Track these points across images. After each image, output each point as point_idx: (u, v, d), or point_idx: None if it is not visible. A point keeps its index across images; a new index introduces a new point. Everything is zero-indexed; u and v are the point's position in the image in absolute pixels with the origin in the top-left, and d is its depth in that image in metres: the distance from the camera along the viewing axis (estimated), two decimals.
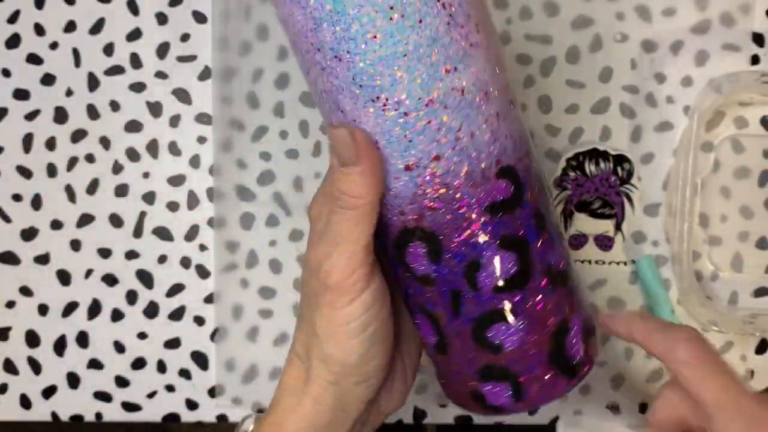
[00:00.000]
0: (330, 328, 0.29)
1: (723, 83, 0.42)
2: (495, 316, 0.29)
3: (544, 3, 0.45)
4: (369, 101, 0.26)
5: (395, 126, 0.27)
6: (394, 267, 0.31)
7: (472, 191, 0.28)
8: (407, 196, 0.28)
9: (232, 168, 0.45)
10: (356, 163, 0.27)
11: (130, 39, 0.45)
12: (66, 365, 0.46)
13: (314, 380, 0.30)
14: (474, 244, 0.28)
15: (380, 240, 0.30)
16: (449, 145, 0.27)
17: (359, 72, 0.26)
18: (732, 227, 0.45)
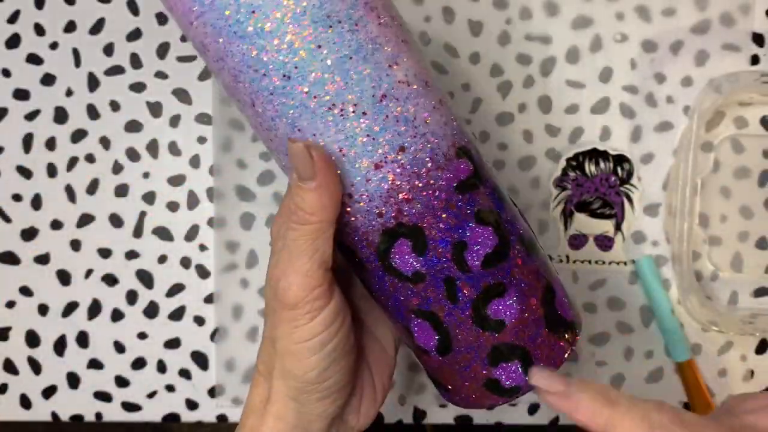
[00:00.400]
0: (289, 345, 0.29)
1: (723, 83, 0.42)
2: (490, 292, 0.30)
3: (544, 3, 0.45)
4: (326, 111, 0.27)
5: (357, 128, 0.28)
6: (378, 279, 0.30)
7: (440, 174, 0.29)
8: (382, 195, 0.28)
9: (232, 168, 0.45)
10: (312, 178, 0.27)
11: (130, 39, 0.45)
12: (66, 365, 0.46)
13: (275, 398, 0.30)
14: (454, 225, 0.29)
15: (355, 258, 0.30)
16: (409, 133, 0.28)
17: (311, 84, 0.27)
18: (732, 227, 0.45)
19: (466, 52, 0.45)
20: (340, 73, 0.27)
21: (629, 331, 0.45)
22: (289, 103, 0.27)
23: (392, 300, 0.31)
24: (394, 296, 0.31)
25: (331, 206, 0.28)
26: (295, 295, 0.28)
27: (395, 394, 0.46)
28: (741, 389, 0.45)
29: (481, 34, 0.45)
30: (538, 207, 0.45)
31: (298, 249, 0.28)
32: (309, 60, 0.27)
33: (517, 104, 0.45)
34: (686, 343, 0.45)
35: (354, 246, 0.30)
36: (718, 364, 0.45)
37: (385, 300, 0.31)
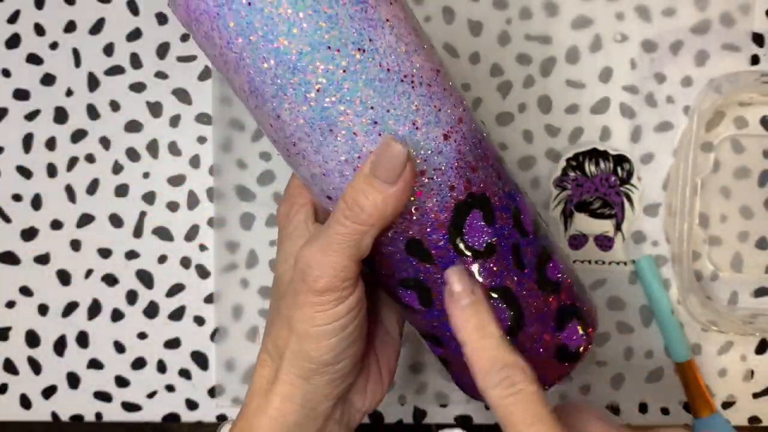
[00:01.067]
0: (309, 328, 0.29)
1: (723, 83, 0.42)
2: (544, 255, 0.31)
3: (544, 3, 0.45)
4: (399, 82, 0.27)
5: (425, 98, 0.28)
6: (450, 265, 0.29)
7: (488, 145, 0.30)
8: (452, 166, 0.28)
9: (232, 168, 0.45)
10: (393, 183, 0.27)
11: (130, 39, 0.45)
12: (66, 365, 0.46)
13: (284, 379, 0.30)
14: (509, 192, 0.30)
15: (419, 250, 0.29)
16: (461, 107, 0.29)
17: (383, 56, 0.27)
18: (732, 227, 0.45)
19: (466, 52, 0.45)
20: (404, 46, 0.27)
21: (629, 331, 0.45)
22: (363, 78, 0.27)
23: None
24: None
25: (393, 216, 0.28)
26: (325, 285, 0.28)
27: (395, 394, 0.46)
28: (741, 389, 0.45)
29: (481, 34, 0.45)
30: (538, 207, 0.45)
31: (339, 245, 0.28)
32: (379, 33, 0.27)
33: (517, 104, 0.45)
34: (686, 343, 0.45)
35: (422, 233, 0.29)
36: (718, 364, 0.45)
37: (439, 287, 0.30)
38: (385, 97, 0.27)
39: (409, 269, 0.30)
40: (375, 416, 0.46)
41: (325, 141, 0.27)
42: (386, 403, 0.46)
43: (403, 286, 0.31)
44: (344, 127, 0.27)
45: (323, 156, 0.28)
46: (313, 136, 0.27)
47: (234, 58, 0.27)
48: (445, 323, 0.30)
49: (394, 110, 0.27)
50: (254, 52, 0.26)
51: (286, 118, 0.27)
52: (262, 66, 0.26)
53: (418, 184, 0.28)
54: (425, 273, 0.30)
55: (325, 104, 0.27)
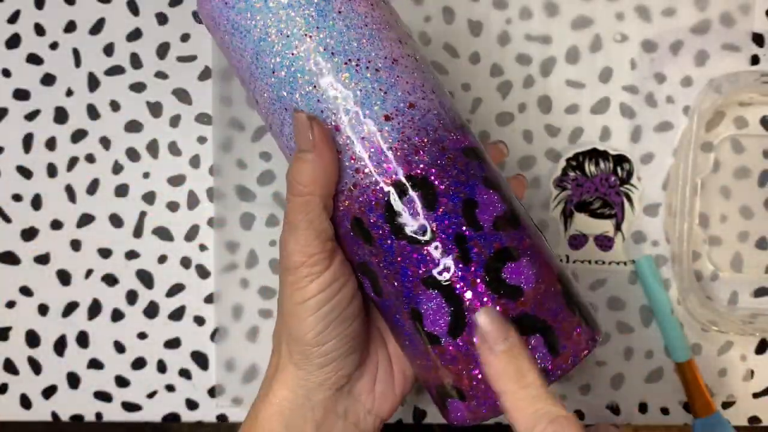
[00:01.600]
0: (290, 306, 0.30)
1: (723, 83, 0.42)
2: (504, 254, 0.29)
3: (544, 3, 0.45)
4: (344, 65, 0.29)
5: (370, 80, 0.29)
6: (387, 251, 0.29)
7: (447, 135, 0.30)
8: (392, 147, 0.29)
9: (232, 168, 0.45)
10: (310, 150, 0.28)
11: (130, 39, 0.46)
12: (66, 365, 0.46)
13: (282, 366, 0.32)
14: (463, 182, 0.29)
15: (363, 233, 0.30)
16: (418, 95, 0.30)
17: (332, 40, 0.30)
18: (732, 227, 0.45)
19: (466, 52, 0.45)
20: (356, 37, 0.30)
21: (629, 331, 0.46)
22: (311, 59, 0.29)
23: (400, 274, 0.29)
24: (402, 268, 0.29)
25: (323, 179, 0.29)
26: (294, 261, 0.30)
27: None
28: (741, 389, 0.45)
29: (481, 34, 0.45)
30: (538, 207, 0.45)
31: (294, 220, 0.29)
32: (328, 22, 0.30)
33: (517, 104, 0.45)
34: (686, 343, 0.45)
35: (362, 212, 0.29)
36: (718, 364, 0.45)
37: (392, 277, 0.30)
38: (327, 77, 0.29)
39: (359, 252, 0.30)
40: None
41: (285, 120, 0.30)
42: None
43: (359, 271, 0.31)
44: (294, 104, 0.30)
45: (286, 136, 0.31)
46: (277, 117, 0.31)
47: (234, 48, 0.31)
48: (395, 316, 0.30)
49: (335, 90, 0.29)
50: (236, 40, 0.30)
51: (260, 102, 0.31)
52: (240, 54, 0.31)
53: (357, 160, 0.29)
54: (370, 256, 0.30)
55: (279, 83, 0.30)
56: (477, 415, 0.29)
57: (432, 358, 0.30)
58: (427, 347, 0.30)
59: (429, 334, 0.29)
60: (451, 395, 0.30)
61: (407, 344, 0.31)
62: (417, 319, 0.29)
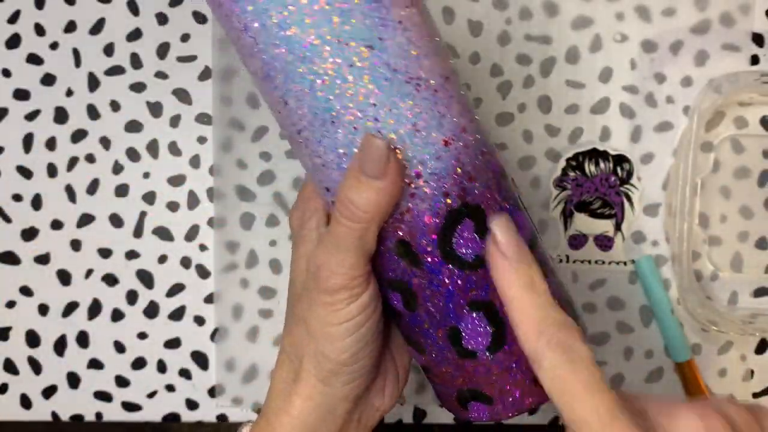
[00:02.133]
0: (324, 327, 0.29)
1: (723, 83, 0.42)
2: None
3: (544, 3, 0.45)
4: (404, 83, 0.27)
5: (430, 103, 0.28)
6: (433, 272, 0.29)
7: (491, 159, 0.30)
8: (450, 173, 0.28)
9: (232, 168, 0.45)
10: (380, 178, 0.27)
11: (130, 39, 0.46)
12: (66, 365, 0.46)
13: (304, 379, 0.31)
14: (507, 208, 0.30)
15: (407, 251, 0.29)
16: (468, 117, 0.29)
17: (392, 55, 0.27)
18: (732, 227, 0.45)
19: (466, 52, 0.45)
20: (416, 53, 0.28)
21: (629, 331, 0.46)
22: (368, 74, 0.27)
23: (445, 297, 0.29)
24: (448, 291, 0.29)
25: (388, 207, 0.28)
26: (335, 283, 0.28)
27: None
28: (741, 389, 0.45)
29: (481, 34, 0.45)
30: (538, 207, 0.45)
31: (344, 243, 0.28)
32: (390, 33, 0.27)
33: (517, 104, 0.45)
34: (686, 343, 0.45)
35: (411, 235, 0.29)
36: (717, 364, 0.45)
37: (436, 298, 0.30)
38: (388, 96, 0.27)
39: (396, 270, 0.30)
40: None
41: (326, 132, 0.28)
42: None
43: (390, 287, 0.31)
44: (346, 121, 0.27)
45: (324, 147, 0.28)
46: (315, 126, 0.28)
47: (250, 42, 0.27)
48: (427, 330, 0.30)
49: (396, 110, 0.27)
50: (268, 37, 0.27)
51: (293, 106, 0.28)
52: (273, 52, 0.27)
53: (413, 186, 0.28)
54: (412, 276, 0.30)
55: (329, 96, 0.27)
56: (498, 416, 0.31)
57: (461, 369, 0.31)
58: (460, 361, 0.31)
59: (467, 350, 0.30)
60: (478, 399, 0.31)
61: (434, 356, 0.31)
62: (455, 336, 0.30)
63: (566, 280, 0.45)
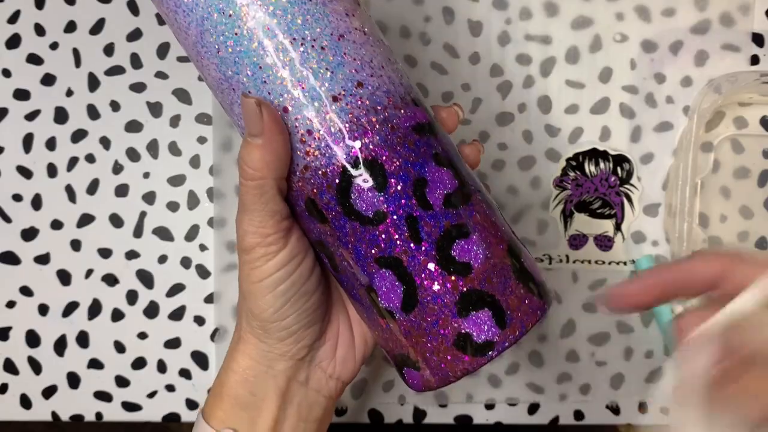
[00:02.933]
0: (248, 286, 0.31)
1: (722, 83, 0.42)
2: (454, 231, 0.29)
3: (544, 3, 0.45)
4: (288, 44, 0.29)
5: (316, 60, 0.29)
6: (340, 229, 0.30)
7: (397, 113, 0.30)
8: (340, 128, 0.29)
9: (232, 168, 0.45)
10: (259, 135, 0.28)
11: (130, 39, 0.46)
12: (66, 365, 0.46)
13: (243, 337, 0.33)
14: (413, 162, 0.29)
15: (317, 212, 0.30)
16: (366, 72, 0.29)
17: (277, 18, 0.29)
18: (731, 227, 0.45)
19: (466, 52, 0.45)
20: (301, 12, 0.29)
21: (629, 331, 0.46)
22: (257, 37, 0.29)
23: (354, 253, 0.30)
24: (355, 248, 0.30)
25: (275, 163, 0.29)
26: (249, 242, 0.30)
27: (395, 394, 0.46)
28: None
29: (481, 34, 0.45)
30: (538, 207, 0.45)
31: (248, 203, 0.30)
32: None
33: (517, 104, 0.45)
34: None
35: (315, 193, 0.30)
36: None
37: (347, 256, 0.30)
38: (272, 56, 0.29)
39: (314, 230, 0.31)
40: (375, 416, 0.46)
41: (233, 99, 0.30)
42: (386, 403, 0.46)
43: (316, 247, 0.32)
44: (239, 84, 0.29)
45: (236, 115, 0.30)
46: (225, 93, 0.30)
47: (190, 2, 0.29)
48: (353, 291, 0.31)
49: (280, 70, 0.29)
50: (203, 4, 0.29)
51: (206, 76, 0.31)
52: (202, 12, 0.29)
53: (306, 143, 0.29)
54: (325, 236, 0.30)
55: (224, 62, 0.29)
56: (429, 384, 0.31)
57: (388, 330, 0.31)
58: (383, 320, 0.31)
59: (384, 309, 0.30)
60: (407, 365, 0.31)
61: (365, 316, 0.32)
62: (372, 294, 0.30)
63: (566, 280, 0.45)
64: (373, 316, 0.31)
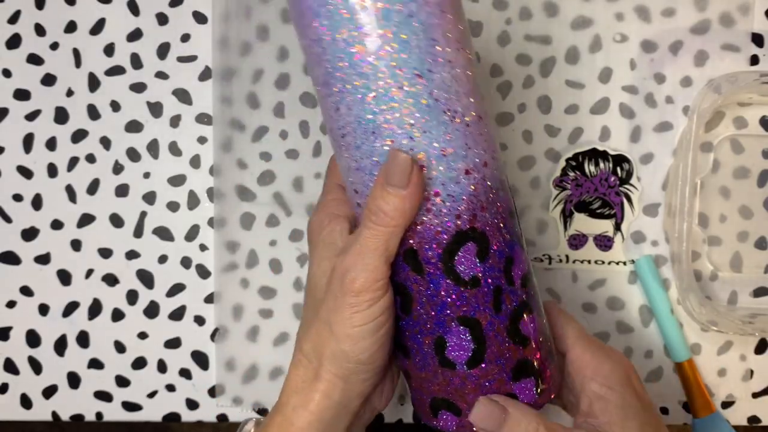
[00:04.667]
0: (347, 329, 0.31)
1: (722, 83, 0.42)
2: (523, 308, 0.33)
3: (544, 3, 0.45)
4: (442, 113, 0.30)
5: (461, 134, 0.31)
6: (432, 283, 0.32)
7: (503, 196, 0.33)
8: (465, 198, 0.31)
9: (232, 168, 0.45)
10: (404, 187, 0.29)
11: (130, 39, 0.46)
12: (66, 365, 0.46)
13: (324, 377, 0.33)
14: (508, 241, 0.32)
15: (414, 259, 0.32)
16: (490, 154, 0.32)
17: (437, 86, 0.30)
18: (731, 227, 0.45)
19: None
20: (459, 88, 0.31)
21: (629, 331, 0.46)
22: (413, 99, 0.30)
23: (439, 307, 0.32)
24: (442, 302, 0.32)
25: (411, 214, 0.30)
26: (361, 286, 0.31)
27: (395, 394, 0.46)
28: (740, 389, 0.46)
29: (481, 34, 0.45)
30: (537, 207, 0.45)
31: (371, 246, 0.31)
32: (439, 68, 0.30)
33: (516, 104, 0.45)
34: (685, 343, 0.45)
35: (420, 246, 0.31)
36: (717, 364, 0.45)
37: (429, 306, 0.32)
38: (425, 121, 0.30)
39: (401, 275, 0.32)
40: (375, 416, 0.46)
41: (366, 140, 0.31)
42: None
43: (396, 290, 0.33)
44: (385, 134, 0.30)
45: (361, 153, 0.31)
46: (357, 133, 0.31)
47: (318, 52, 0.30)
48: (417, 336, 0.33)
49: (430, 134, 0.30)
50: (335, 51, 0.30)
51: (343, 112, 0.31)
52: (337, 64, 0.30)
53: (431, 203, 0.31)
54: (413, 282, 0.32)
55: (375, 110, 0.30)
56: (463, 429, 0.34)
57: (440, 378, 0.33)
58: (441, 369, 0.33)
59: (447, 360, 0.33)
60: (449, 409, 0.34)
61: (418, 360, 0.34)
62: (440, 345, 0.33)
63: (566, 280, 0.46)
64: (428, 361, 0.33)
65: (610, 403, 0.33)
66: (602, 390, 0.33)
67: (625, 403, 0.33)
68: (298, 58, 0.45)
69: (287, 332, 0.46)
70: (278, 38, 0.45)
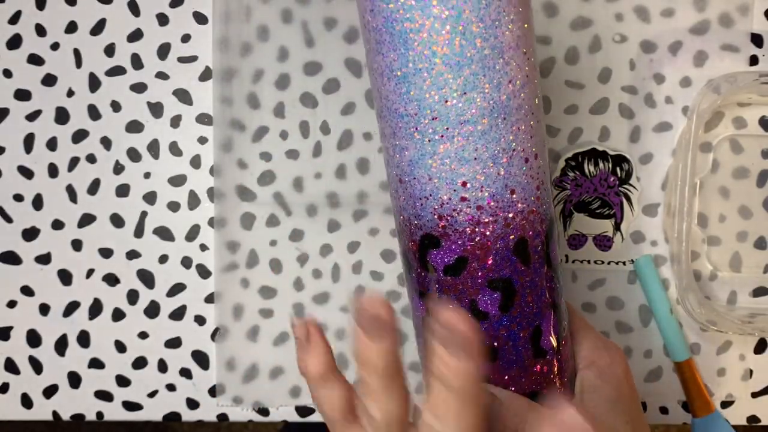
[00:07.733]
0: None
1: (721, 84, 0.42)
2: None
3: (543, 3, 0.45)
4: (525, 116, 0.31)
5: (544, 136, 0.33)
6: (537, 272, 0.32)
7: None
8: (549, 187, 0.33)
9: (233, 168, 0.46)
10: (473, 358, 0.25)
11: (131, 40, 0.46)
12: (67, 365, 0.46)
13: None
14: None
15: (524, 249, 0.32)
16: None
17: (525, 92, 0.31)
18: (731, 227, 0.45)
19: None
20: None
21: (628, 331, 0.46)
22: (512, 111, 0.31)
23: (539, 295, 0.33)
24: (542, 290, 0.33)
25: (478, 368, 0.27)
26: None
27: None
28: (740, 389, 0.46)
29: None
30: None
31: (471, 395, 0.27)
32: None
33: None
34: (685, 343, 0.45)
35: (530, 236, 0.32)
36: (716, 364, 0.46)
37: (531, 297, 0.33)
38: (516, 124, 0.31)
39: (505, 269, 0.32)
40: None
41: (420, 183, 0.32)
42: None
43: (491, 287, 0.32)
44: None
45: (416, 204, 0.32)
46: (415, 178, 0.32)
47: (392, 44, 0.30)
48: (513, 331, 0.32)
49: (518, 138, 0.31)
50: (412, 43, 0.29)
51: (401, 148, 0.31)
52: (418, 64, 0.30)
53: (540, 191, 0.32)
54: (519, 275, 0.32)
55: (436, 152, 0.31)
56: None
57: (531, 371, 0.33)
58: (532, 361, 0.33)
59: (540, 350, 0.33)
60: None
61: (505, 359, 0.33)
62: (536, 335, 0.33)
63: (566, 280, 0.46)
64: (520, 356, 0.33)
65: (602, 396, 0.33)
66: (597, 382, 0.33)
67: (617, 398, 0.33)
68: (298, 59, 0.45)
69: (287, 332, 0.46)
70: (278, 38, 0.45)
